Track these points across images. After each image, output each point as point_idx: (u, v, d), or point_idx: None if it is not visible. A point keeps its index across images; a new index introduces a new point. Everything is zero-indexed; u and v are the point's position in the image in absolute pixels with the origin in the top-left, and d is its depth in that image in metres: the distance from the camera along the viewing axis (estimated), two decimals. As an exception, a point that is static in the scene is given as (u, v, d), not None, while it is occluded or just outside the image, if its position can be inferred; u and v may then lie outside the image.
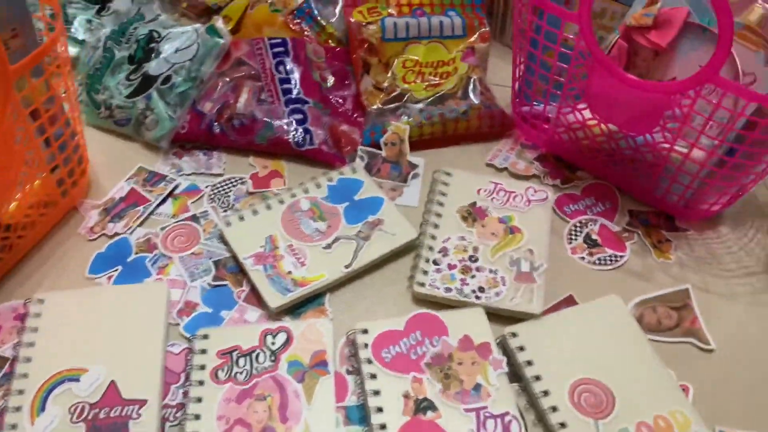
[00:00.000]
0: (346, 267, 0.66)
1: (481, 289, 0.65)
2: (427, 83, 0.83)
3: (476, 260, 0.67)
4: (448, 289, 0.65)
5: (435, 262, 0.67)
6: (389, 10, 0.85)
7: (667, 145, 0.66)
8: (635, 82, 0.62)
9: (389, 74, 0.83)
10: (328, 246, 0.68)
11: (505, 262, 0.67)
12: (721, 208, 0.72)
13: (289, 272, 0.65)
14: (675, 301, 0.67)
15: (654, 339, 0.63)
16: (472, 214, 0.72)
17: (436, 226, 0.70)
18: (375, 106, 0.82)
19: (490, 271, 0.66)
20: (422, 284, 0.65)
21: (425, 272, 0.66)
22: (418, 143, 0.81)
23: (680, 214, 0.74)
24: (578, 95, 0.70)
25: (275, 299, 0.63)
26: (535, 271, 0.66)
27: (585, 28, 0.62)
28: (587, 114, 0.71)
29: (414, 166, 0.79)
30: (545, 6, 0.64)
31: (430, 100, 0.82)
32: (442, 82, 0.84)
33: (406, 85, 0.83)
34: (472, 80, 0.83)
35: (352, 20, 0.84)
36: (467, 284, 0.65)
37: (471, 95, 0.82)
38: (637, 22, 0.63)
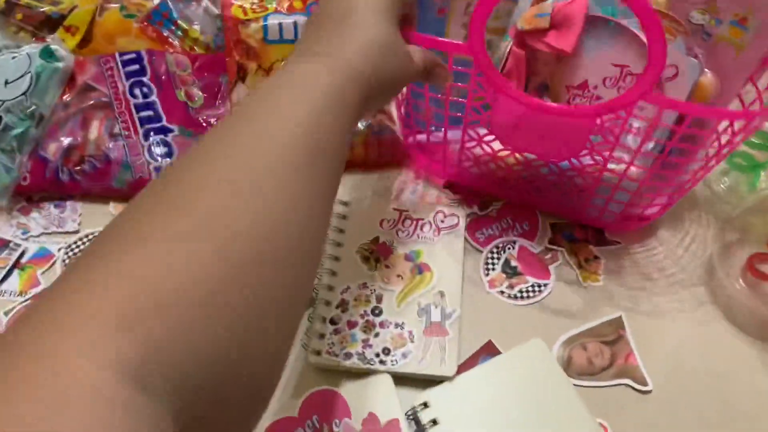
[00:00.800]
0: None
1: (386, 351, 0.56)
2: None
3: (380, 313, 0.58)
4: (348, 355, 0.56)
5: (332, 321, 0.58)
6: (274, 5, 0.72)
7: (597, 167, 0.57)
8: (555, 109, 0.52)
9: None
10: None
11: (413, 312, 0.58)
12: (657, 213, 0.63)
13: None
14: (607, 334, 0.59)
15: (585, 385, 0.56)
16: (375, 253, 0.62)
17: (333, 274, 0.61)
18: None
19: (396, 325, 0.57)
20: (318, 352, 0.56)
21: (321, 336, 0.57)
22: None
23: (615, 228, 0.65)
24: (483, 127, 0.60)
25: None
26: (447, 320, 0.58)
27: (480, 59, 0.50)
28: (497, 145, 0.60)
29: None
30: (423, 41, 0.51)
31: None
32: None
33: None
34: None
35: (229, 16, 0.71)
36: (370, 346, 0.56)
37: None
38: (531, 26, 0.51)
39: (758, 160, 0.65)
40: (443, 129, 0.62)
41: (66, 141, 0.66)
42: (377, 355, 0.56)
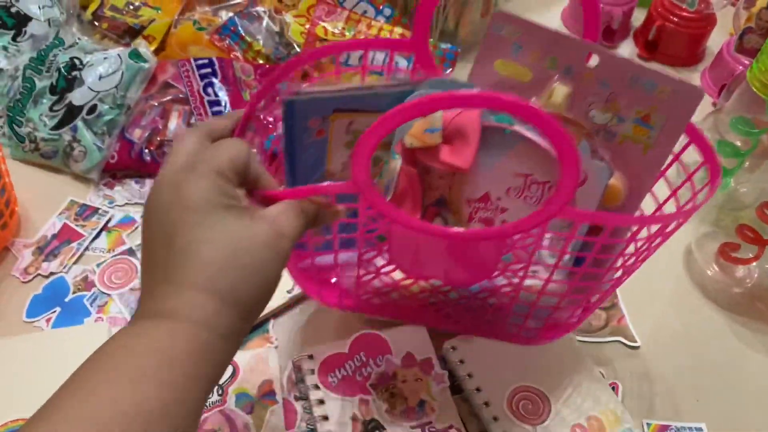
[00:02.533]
0: (288, 292, 0.67)
1: None
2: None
3: None
4: None
5: None
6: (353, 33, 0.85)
7: (511, 288, 0.54)
8: (463, 236, 0.46)
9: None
10: None
11: None
12: (578, 321, 0.60)
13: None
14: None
15: (584, 340, 0.67)
16: None
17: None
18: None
19: None
20: None
21: None
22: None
23: (535, 342, 0.62)
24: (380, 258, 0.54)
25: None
26: None
27: (368, 195, 0.41)
28: (399, 275, 0.55)
29: None
30: (295, 194, 0.42)
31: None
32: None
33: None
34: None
35: (312, 32, 0.86)
36: None
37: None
38: (422, 143, 0.46)
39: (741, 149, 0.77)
40: (333, 254, 0.53)
41: (149, 128, 0.78)
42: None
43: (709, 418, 0.63)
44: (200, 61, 0.82)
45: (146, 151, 0.77)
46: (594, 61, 0.49)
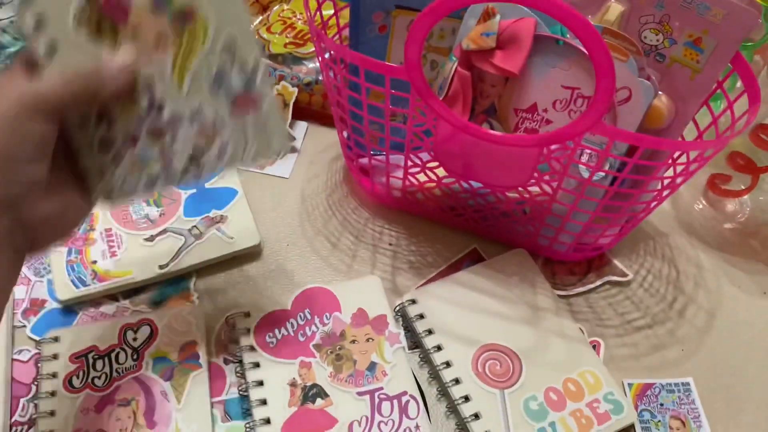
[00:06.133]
0: (161, 267, 0.57)
1: (195, 158, 0.40)
2: (290, 39, 0.74)
3: (161, 107, 0.40)
4: (151, 182, 0.41)
5: (103, 145, 0.40)
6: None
7: (546, 197, 0.54)
8: (497, 138, 0.48)
9: (262, 17, 0.75)
10: (151, 238, 0.58)
11: (203, 89, 0.39)
12: (610, 244, 0.61)
13: (95, 261, 0.56)
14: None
15: (563, 294, 0.59)
16: (105, 19, 0.38)
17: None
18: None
19: (191, 116, 0.40)
20: (108, 194, 0.41)
21: (101, 173, 0.40)
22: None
23: (566, 257, 0.62)
24: (427, 153, 0.57)
25: (65, 291, 0.54)
26: (253, 83, 0.40)
27: (417, 84, 0.46)
28: (441, 172, 0.57)
29: (292, 139, 0.70)
30: (359, 61, 0.48)
31: (281, 58, 0.73)
32: (301, 42, 0.74)
33: (267, 35, 0.74)
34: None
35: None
36: (171, 160, 0.40)
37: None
38: (477, 45, 0.48)
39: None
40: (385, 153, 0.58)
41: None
42: (185, 169, 0.41)
43: (697, 370, 0.55)
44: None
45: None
46: (651, -21, 0.49)
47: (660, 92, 0.51)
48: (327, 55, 0.53)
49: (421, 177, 0.59)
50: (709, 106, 0.54)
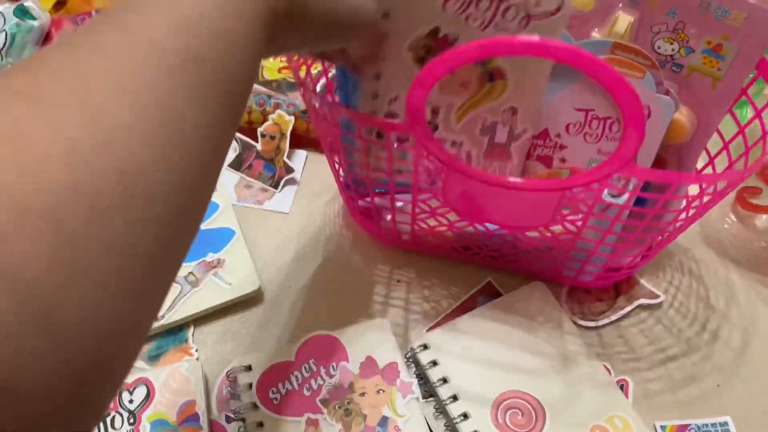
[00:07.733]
0: (157, 319, 0.53)
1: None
2: (284, 63, 0.70)
3: (435, 128, 0.49)
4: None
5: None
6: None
7: (570, 236, 0.50)
8: (516, 185, 0.44)
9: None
10: None
11: (474, 129, 0.49)
12: (638, 264, 0.56)
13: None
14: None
15: (592, 326, 0.55)
16: (432, 51, 0.46)
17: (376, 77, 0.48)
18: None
19: (453, 143, 0.50)
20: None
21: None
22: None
23: (593, 285, 0.58)
24: (435, 200, 0.52)
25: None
26: (513, 142, 0.50)
27: (423, 140, 0.42)
28: (453, 216, 0.53)
29: (290, 170, 0.66)
30: (356, 118, 0.45)
31: (275, 83, 0.69)
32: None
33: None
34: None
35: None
36: None
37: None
38: None
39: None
40: (389, 193, 0.52)
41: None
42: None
43: (735, 407, 0.51)
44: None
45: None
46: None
47: (680, 104, 0.48)
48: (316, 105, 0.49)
49: (431, 221, 0.55)
50: (733, 113, 0.51)
